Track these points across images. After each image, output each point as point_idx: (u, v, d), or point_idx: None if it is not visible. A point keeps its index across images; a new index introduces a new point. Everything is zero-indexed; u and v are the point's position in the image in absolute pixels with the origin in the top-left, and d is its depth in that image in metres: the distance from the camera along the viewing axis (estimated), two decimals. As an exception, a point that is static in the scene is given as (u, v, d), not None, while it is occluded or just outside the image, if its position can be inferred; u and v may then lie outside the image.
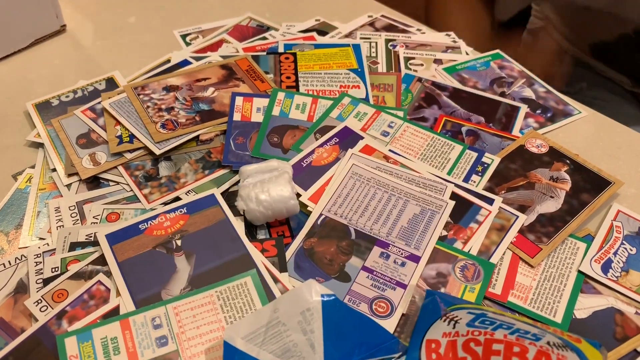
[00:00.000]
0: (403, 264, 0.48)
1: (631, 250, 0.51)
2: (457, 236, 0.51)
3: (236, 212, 0.52)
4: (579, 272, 0.49)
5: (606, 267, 0.49)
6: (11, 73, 0.71)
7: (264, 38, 0.75)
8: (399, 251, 0.49)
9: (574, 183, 0.56)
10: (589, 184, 0.56)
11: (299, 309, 0.42)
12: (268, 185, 0.50)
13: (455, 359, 0.39)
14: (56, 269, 0.48)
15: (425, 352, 0.40)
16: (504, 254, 0.50)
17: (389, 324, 0.44)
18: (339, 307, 0.43)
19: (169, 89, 0.64)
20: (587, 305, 0.47)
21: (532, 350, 0.38)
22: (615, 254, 0.50)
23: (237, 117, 0.61)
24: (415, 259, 0.48)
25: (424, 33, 0.76)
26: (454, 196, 0.53)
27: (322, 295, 0.43)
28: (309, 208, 0.53)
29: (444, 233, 0.51)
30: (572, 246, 0.51)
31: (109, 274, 0.47)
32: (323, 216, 0.52)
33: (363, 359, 0.41)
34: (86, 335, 0.43)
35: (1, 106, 0.66)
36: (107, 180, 0.56)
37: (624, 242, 0.51)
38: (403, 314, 0.45)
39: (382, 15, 0.79)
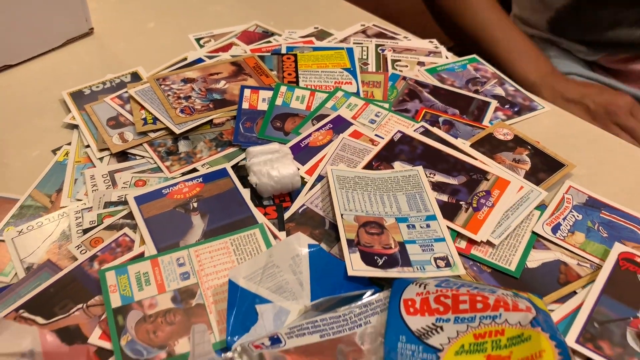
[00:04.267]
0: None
1: (578, 217, 0.60)
2: (431, 203, 0.60)
3: (244, 183, 0.61)
4: (533, 232, 0.58)
5: (555, 229, 0.58)
6: (46, 68, 0.80)
7: (269, 42, 0.85)
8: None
9: (533, 164, 0.65)
10: (546, 166, 0.65)
11: (290, 255, 0.50)
12: (277, 164, 0.59)
13: (429, 309, 0.47)
14: (93, 222, 0.57)
15: (404, 307, 0.47)
16: (470, 218, 0.59)
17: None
18: (323, 255, 0.51)
19: (186, 80, 0.74)
20: (537, 258, 0.56)
21: (492, 298, 0.46)
22: (564, 219, 0.59)
23: (245, 105, 0.70)
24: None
25: (409, 40, 0.86)
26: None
27: (309, 246, 0.51)
28: (305, 180, 0.62)
29: (420, 200, 0.60)
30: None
31: (134, 227, 0.56)
32: (305, 206, 0.60)
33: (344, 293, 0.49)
34: (123, 270, 0.52)
35: (39, 95, 0.75)
36: (134, 154, 0.65)
37: (572, 210, 0.60)
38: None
39: (374, 25, 0.90)
